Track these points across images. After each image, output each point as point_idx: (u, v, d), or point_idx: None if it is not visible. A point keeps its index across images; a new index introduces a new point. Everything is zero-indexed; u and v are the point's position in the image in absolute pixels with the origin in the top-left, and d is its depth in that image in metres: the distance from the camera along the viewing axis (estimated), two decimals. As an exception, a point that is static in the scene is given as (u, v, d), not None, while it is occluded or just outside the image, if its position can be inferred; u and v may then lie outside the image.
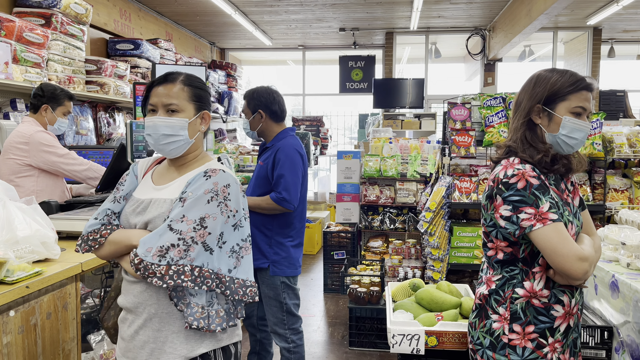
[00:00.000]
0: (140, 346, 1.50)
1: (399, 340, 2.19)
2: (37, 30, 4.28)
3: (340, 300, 5.05)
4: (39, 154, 3.05)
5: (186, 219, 1.42)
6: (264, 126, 2.88)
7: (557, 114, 1.62)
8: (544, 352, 1.61)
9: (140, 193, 1.60)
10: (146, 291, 1.50)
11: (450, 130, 3.92)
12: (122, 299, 1.57)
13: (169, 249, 1.40)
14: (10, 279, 1.69)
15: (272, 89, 2.92)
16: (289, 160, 2.75)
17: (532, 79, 1.69)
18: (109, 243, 1.53)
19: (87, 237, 1.55)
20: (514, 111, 1.72)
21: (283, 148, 2.78)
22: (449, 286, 2.54)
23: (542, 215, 1.52)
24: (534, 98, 1.65)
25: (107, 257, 1.57)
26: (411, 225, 5.19)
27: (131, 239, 1.50)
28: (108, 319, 1.72)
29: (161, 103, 1.55)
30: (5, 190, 1.94)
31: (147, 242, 1.42)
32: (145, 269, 1.39)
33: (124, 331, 1.56)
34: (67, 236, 2.39)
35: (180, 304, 1.46)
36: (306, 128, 9.29)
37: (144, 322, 1.50)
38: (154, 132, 1.55)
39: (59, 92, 3.24)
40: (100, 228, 1.55)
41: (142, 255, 1.40)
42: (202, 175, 1.49)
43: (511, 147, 1.68)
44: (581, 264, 1.49)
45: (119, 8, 6.62)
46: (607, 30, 9.03)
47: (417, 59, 10.21)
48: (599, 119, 3.63)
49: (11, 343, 1.66)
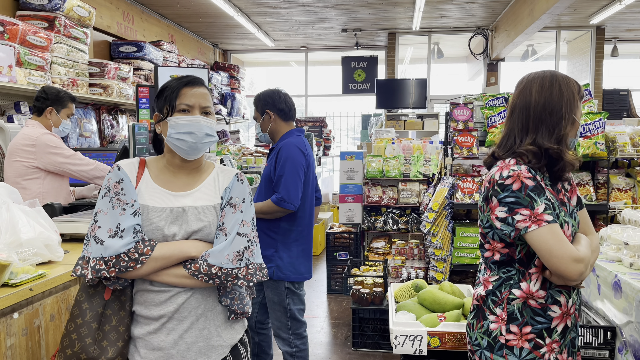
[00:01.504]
0: (186, 348, 1.53)
1: (402, 341, 2.19)
2: (41, 33, 4.30)
3: (343, 301, 5.05)
4: (46, 155, 3.07)
5: (245, 223, 1.56)
6: (273, 126, 2.87)
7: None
8: (542, 353, 1.61)
9: (158, 201, 1.54)
10: (192, 296, 1.53)
11: (452, 131, 3.91)
12: (153, 311, 1.52)
13: (244, 251, 1.53)
14: (13, 282, 1.69)
15: (278, 89, 2.92)
16: (290, 159, 2.71)
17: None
18: (154, 260, 1.46)
19: (119, 259, 1.43)
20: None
21: (285, 146, 2.76)
22: (452, 287, 2.54)
23: (537, 216, 1.52)
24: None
25: (145, 275, 1.48)
26: (414, 226, 5.18)
27: (189, 251, 1.50)
28: (103, 352, 1.47)
29: (199, 105, 1.57)
30: (9, 193, 1.96)
31: (221, 250, 1.50)
32: (226, 275, 1.49)
33: (159, 340, 1.52)
34: (70, 238, 2.41)
35: (225, 299, 1.56)
36: (309, 129, 9.30)
37: (190, 325, 1.53)
38: (198, 130, 1.54)
39: (62, 94, 3.26)
40: (138, 246, 1.45)
41: (220, 264, 1.49)
42: (237, 180, 1.61)
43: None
44: (576, 265, 1.49)
45: (122, 10, 6.64)
46: (610, 29, 9.00)
47: (419, 59, 10.21)
48: (601, 118, 3.62)
49: (15, 345, 1.67)
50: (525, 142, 1.64)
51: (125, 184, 1.52)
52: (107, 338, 1.49)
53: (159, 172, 1.61)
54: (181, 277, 1.49)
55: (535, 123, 1.64)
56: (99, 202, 1.51)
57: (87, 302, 1.51)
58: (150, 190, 1.56)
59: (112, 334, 1.49)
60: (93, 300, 1.51)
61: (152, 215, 1.51)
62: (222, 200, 1.57)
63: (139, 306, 1.54)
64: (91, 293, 1.52)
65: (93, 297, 1.51)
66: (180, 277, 1.50)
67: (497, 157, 1.70)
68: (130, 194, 1.51)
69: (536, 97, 1.64)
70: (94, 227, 1.48)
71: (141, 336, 1.53)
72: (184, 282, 1.50)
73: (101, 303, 1.51)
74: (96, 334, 1.49)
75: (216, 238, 1.53)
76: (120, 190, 1.51)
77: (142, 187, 1.55)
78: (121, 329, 1.51)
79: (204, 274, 1.48)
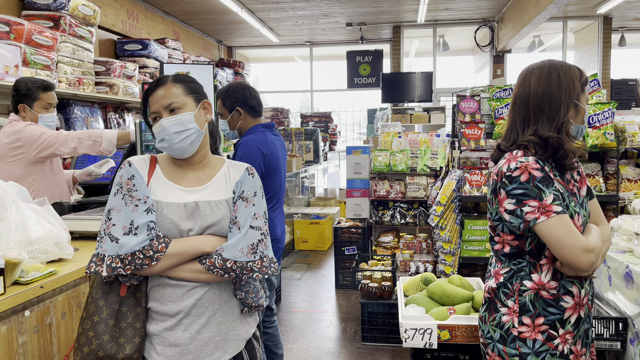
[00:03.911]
0: (204, 344, 1.53)
1: (412, 335, 2.19)
2: (46, 33, 4.31)
3: (352, 296, 5.05)
4: (33, 147, 2.89)
5: (258, 216, 1.57)
6: (243, 124, 2.77)
7: None
8: (555, 344, 1.60)
9: (171, 197, 1.54)
10: (209, 291, 1.54)
11: (459, 123, 3.89)
12: (169, 307, 1.51)
13: (257, 244, 1.54)
14: (24, 279, 1.71)
15: (246, 84, 2.82)
16: (245, 158, 2.59)
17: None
18: (169, 256, 1.47)
19: (134, 257, 1.43)
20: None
21: (243, 144, 2.66)
22: (461, 280, 2.53)
23: (545, 207, 1.51)
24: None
25: (161, 272, 1.49)
26: (422, 220, 5.17)
27: (203, 247, 1.51)
28: (121, 349, 1.48)
29: (162, 106, 1.56)
30: (18, 192, 1.97)
31: (235, 244, 1.51)
32: (241, 269, 1.50)
33: (176, 337, 1.51)
34: (79, 236, 2.42)
35: (240, 292, 1.58)
36: (315, 124, 9.29)
37: (207, 321, 1.53)
38: (165, 134, 1.54)
39: (30, 85, 2.99)
40: (153, 243, 1.45)
41: (234, 258, 1.49)
42: (248, 174, 1.61)
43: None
44: (587, 256, 1.48)
45: (127, 9, 6.65)
46: (617, 18, 8.91)
47: (425, 52, 10.16)
48: (610, 108, 3.58)
49: (27, 343, 1.68)
50: (527, 132, 1.65)
51: (137, 180, 1.51)
52: (124, 335, 1.49)
53: (170, 169, 1.62)
54: (197, 272, 1.50)
55: (536, 113, 1.64)
56: (111, 199, 1.51)
57: (103, 299, 1.51)
58: (162, 186, 1.56)
59: (129, 331, 1.49)
60: (109, 297, 1.52)
61: (166, 211, 1.51)
62: (234, 195, 1.58)
63: (155, 302, 1.53)
64: (107, 290, 1.52)
65: (109, 294, 1.52)
66: (196, 272, 1.50)
67: (503, 149, 1.70)
68: (142, 190, 1.51)
69: (535, 87, 1.65)
70: (108, 224, 1.47)
71: (158, 333, 1.52)
72: (199, 277, 1.51)
73: (117, 300, 1.52)
74: (113, 330, 1.49)
75: (230, 232, 1.54)
76: (133, 187, 1.50)
77: (153, 183, 1.55)
78: (138, 325, 1.51)
79: (219, 268, 1.48)
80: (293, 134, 7.95)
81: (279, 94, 11.50)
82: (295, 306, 4.79)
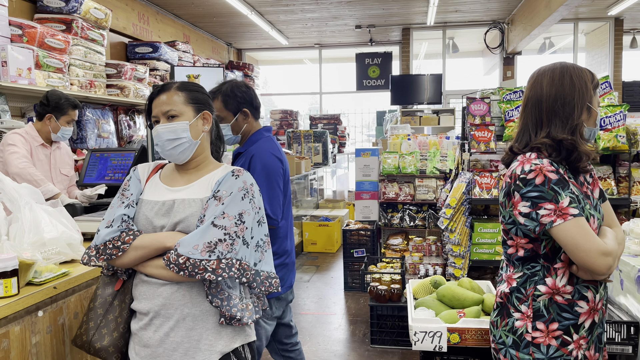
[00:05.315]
0: (172, 348, 1.51)
1: (421, 338, 2.18)
2: (59, 36, 4.36)
3: (361, 298, 5.04)
4: (3, 154, 3.03)
5: (227, 215, 1.48)
6: (247, 127, 2.42)
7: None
8: (569, 350, 1.58)
9: (155, 195, 1.59)
10: (178, 292, 1.51)
11: (469, 126, 3.88)
12: (143, 305, 1.53)
13: (217, 244, 1.45)
14: (38, 280, 1.73)
15: (243, 81, 2.51)
16: (266, 170, 2.29)
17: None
18: (134, 249, 1.49)
19: (105, 247, 1.50)
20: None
21: (258, 154, 2.32)
22: (471, 283, 2.52)
23: (562, 210, 1.49)
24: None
25: (129, 265, 1.52)
26: (431, 222, 5.15)
27: (164, 242, 1.49)
28: (100, 338, 1.57)
29: (160, 112, 1.60)
30: (32, 194, 1.99)
31: (190, 240, 1.45)
32: (194, 267, 1.42)
33: (148, 337, 1.52)
34: (91, 237, 2.43)
35: (215, 299, 1.48)
36: (324, 126, 9.30)
37: (175, 323, 1.50)
38: (159, 140, 1.59)
39: (63, 101, 3.24)
40: (121, 235, 1.50)
41: (187, 254, 1.43)
42: (231, 175, 1.56)
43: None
44: (605, 259, 1.46)
45: (138, 12, 6.70)
46: (628, 20, 8.84)
47: (434, 54, 10.14)
48: (622, 110, 3.55)
49: (40, 343, 1.70)
50: (540, 135, 1.63)
51: (132, 181, 1.63)
52: (107, 326, 1.58)
53: (169, 172, 1.68)
54: (160, 267, 1.50)
55: (549, 116, 1.63)
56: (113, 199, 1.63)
57: (102, 289, 1.63)
58: (154, 187, 1.63)
59: (112, 324, 1.58)
60: (106, 289, 1.62)
61: (144, 207, 1.58)
62: (211, 193, 1.55)
63: (135, 300, 1.58)
64: (107, 282, 1.63)
65: (107, 286, 1.63)
66: (159, 268, 1.50)
67: (515, 152, 1.69)
68: (133, 189, 1.61)
69: (547, 89, 1.63)
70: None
71: (135, 331, 1.57)
72: (162, 273, 1.50)
73: (112, 293, 1.61)
74: (99, 320, 1.59)
75: (195, 229, 1.50)
76: (127, 187, 1.62)
77: (149, 185, 1.64)
78: (119, 320, 1.58)
79: (174, 263, 1.44)
80: (302, 136, 7.97)
81: (288, 96, 11.52)
82: (304, 308, 4.79)
